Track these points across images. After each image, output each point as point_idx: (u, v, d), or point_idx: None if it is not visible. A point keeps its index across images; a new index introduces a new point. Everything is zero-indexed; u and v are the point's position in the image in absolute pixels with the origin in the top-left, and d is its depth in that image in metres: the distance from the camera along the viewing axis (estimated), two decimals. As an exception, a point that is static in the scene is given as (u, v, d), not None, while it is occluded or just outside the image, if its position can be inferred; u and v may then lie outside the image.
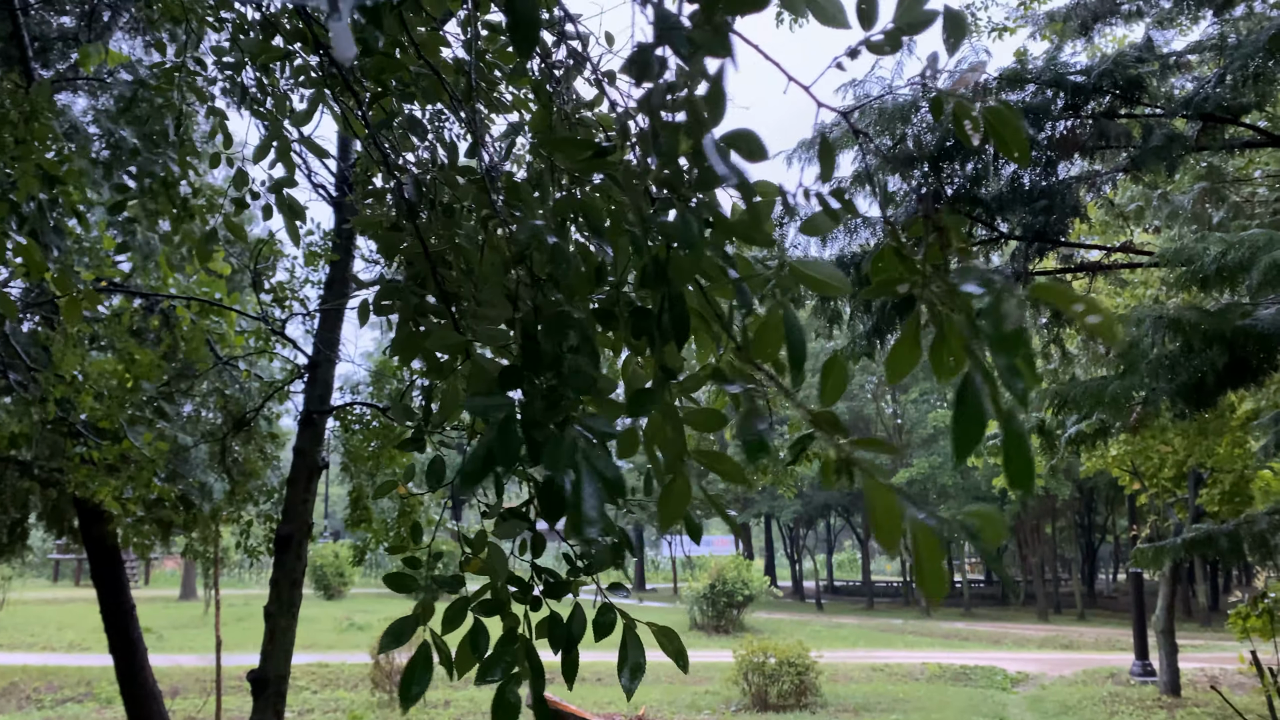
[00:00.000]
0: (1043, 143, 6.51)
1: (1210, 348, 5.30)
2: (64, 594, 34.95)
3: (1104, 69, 6.25)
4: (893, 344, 1.40)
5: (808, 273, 1.35)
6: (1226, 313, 5.38)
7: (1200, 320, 5.26)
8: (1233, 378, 5.55)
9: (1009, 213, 6.84)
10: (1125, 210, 8.75)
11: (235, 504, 8.71)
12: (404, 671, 1.60)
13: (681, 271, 1.37)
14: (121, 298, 6.58)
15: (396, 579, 1.76)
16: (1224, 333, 5.16)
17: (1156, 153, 6.10)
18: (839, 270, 1.41)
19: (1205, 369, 5.40)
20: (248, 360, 7.41)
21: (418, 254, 1.75)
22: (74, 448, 6.92)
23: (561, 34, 2.02)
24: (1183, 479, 16.50)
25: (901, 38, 1.44)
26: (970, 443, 1.10)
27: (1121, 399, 5.79)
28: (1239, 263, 5.04)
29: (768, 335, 1.36)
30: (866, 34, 1.40)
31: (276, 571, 5.38)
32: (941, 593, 1.27)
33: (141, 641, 9.21)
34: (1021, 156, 1.29)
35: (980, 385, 1.06)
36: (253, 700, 5.23)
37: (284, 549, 5.39)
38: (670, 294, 1.37)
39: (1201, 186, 8.15)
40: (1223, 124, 6.51)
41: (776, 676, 15.27)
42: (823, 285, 1.34)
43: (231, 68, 2.49)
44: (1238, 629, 9.57)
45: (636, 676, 1.57)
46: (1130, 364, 5.58)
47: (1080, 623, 34.40)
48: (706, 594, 25.91)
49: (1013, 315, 1.06)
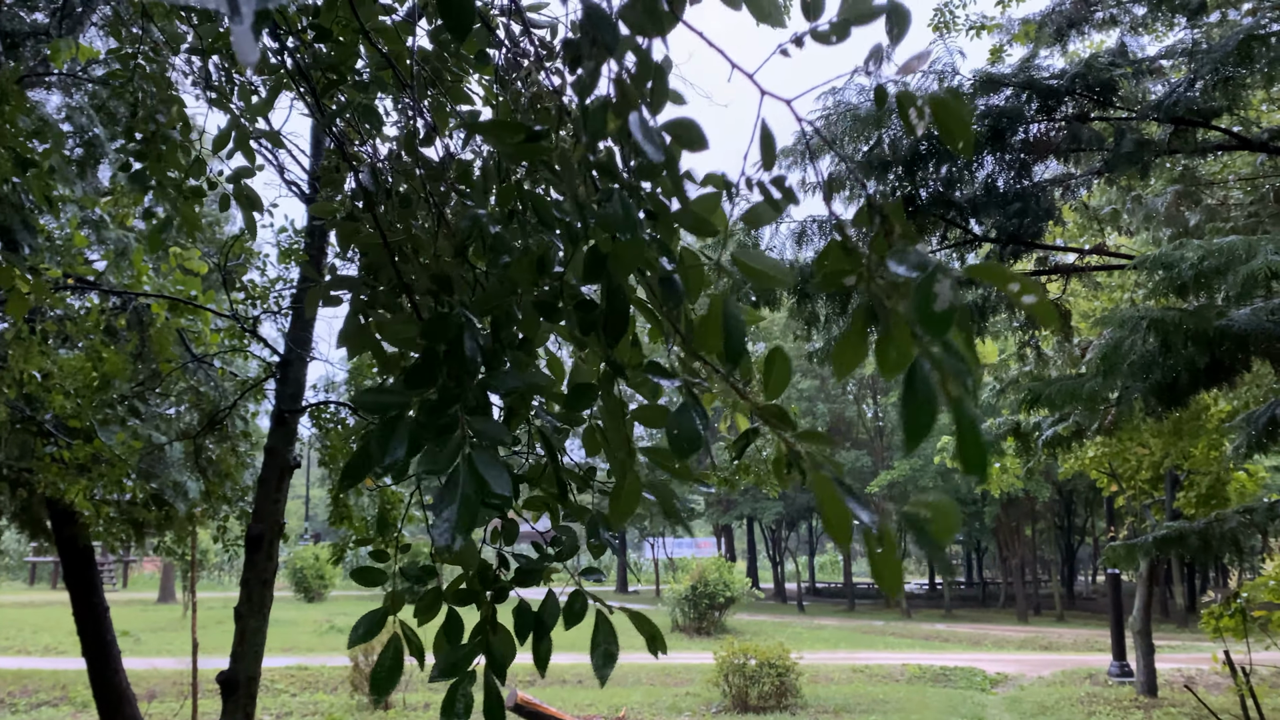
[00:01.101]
0: (1016, 146, 6.54)
1: (1189, 347, 5.34)
2: (40, 597, 34.57)
3: (1076, 72, 6.29)
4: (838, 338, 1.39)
5: (750, 264, 1.34)
6: (1205, 312, 5.41)
7: (1182, 320, 5.30)
8: (1209, 377, 5.59)
9: (983, 215, 6.86)
10: (1100, 214, 8.80)
11: (211, 505, 8.64)
12: (375, 662, 1.58)
13: (621, 262, 1.35)
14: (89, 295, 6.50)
15: (364, 573, 1.74)
16: (1206, 332, 5.19)
17: (1128, 156, 6.14)
18: (780, 261, 1.41)
19: (1180, 368, 5.44)
20: (222, 358, 7.35)
21: (373, 244, 1.73)
22: (44, 447, 6.84)
23: (525, 22, 2.00)
24: (1160, 481, 16.63)
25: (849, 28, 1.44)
26: (921, 430, 1.09)
27: (1096, 397, 5.81)
28: (1216, 270, 5.07)
29: (708, 328, 1.35)
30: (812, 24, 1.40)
31: (247, 572, 5.33)
32: (897, 589, 1.27)
33: (115, 644, 9.12)
34: (965, 146, 1.29)
35: (929, 371, 1.05)
36: (222, 702, 5.18)
37: (255, 549, 5.33)
38: (610, 286, 1.35)
39: (1175, 189, 8.21)
40: (1194, 127, 6.57)
41: (757, 678, 15.27)
42: (764, 277, 1.34)
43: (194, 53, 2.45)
44: (1210, 628, 9.64)
45: (609, 663, 1.56)
46: (1111, 364, 5.61)
47: (1060, 624, 34.60)
48: (688, 596, 25.91)
49: (944, 295, 1.05)
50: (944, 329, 0.97)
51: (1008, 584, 43.16)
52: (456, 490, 1.23)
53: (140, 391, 7.41)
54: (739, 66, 1.35)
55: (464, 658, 1.52)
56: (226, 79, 2.77)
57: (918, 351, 1.08)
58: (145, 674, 16.99)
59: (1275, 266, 4.70)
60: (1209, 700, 14.57)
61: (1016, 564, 38.65)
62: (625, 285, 1.40)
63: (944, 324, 0.96)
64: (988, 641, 27.27)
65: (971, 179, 6.75)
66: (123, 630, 22.59)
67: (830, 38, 1.41)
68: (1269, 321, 5.02)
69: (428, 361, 1.44)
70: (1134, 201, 8.35)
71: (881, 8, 1.39)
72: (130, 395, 7.38)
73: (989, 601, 46.42)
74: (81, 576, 8.94)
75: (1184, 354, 5.30)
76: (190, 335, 7.52)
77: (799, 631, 28.32)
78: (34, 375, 5.34)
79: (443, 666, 1.51)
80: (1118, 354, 5.47)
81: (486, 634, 1.57)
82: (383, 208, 1.82)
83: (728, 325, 1.34)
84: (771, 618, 33.14)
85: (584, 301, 1.45)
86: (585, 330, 1.48)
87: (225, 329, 7.03)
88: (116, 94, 2.88)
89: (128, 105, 2.63)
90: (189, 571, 13.67)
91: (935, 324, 0.96)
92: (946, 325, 0.97)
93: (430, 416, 1.37)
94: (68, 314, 6.97)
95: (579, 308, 1.44)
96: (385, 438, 1.31)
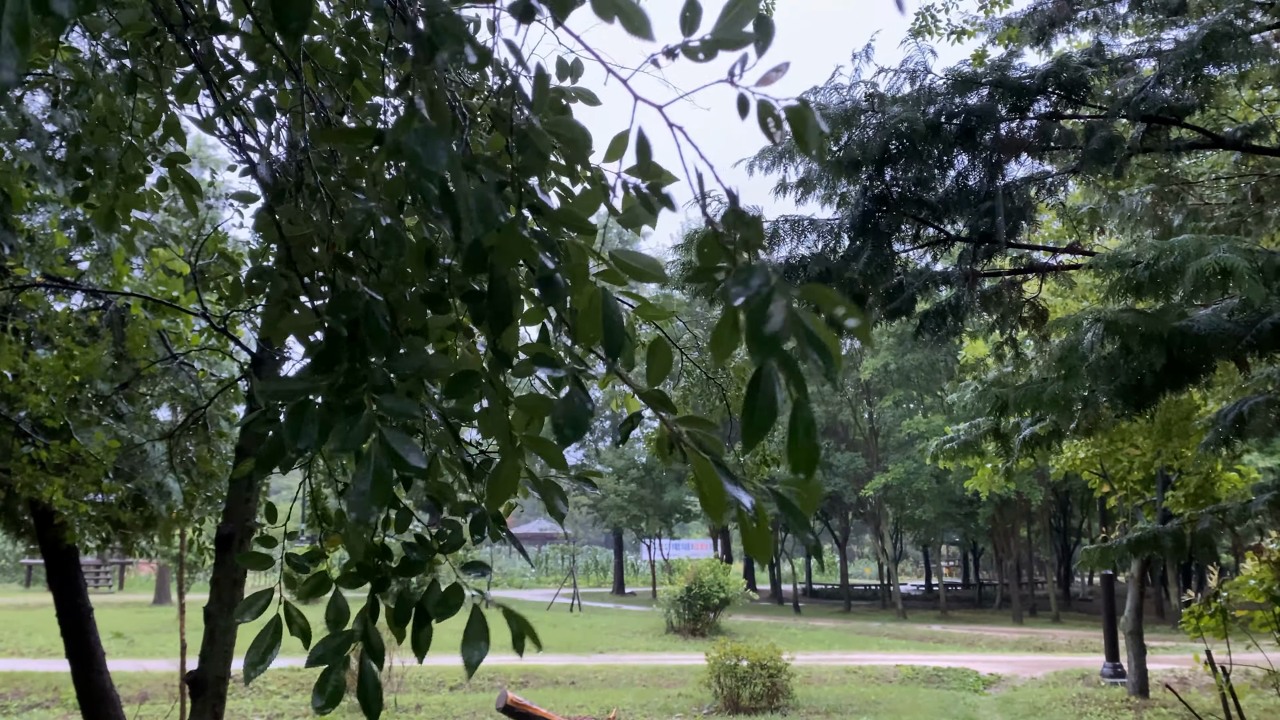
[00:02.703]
0: (987, 144, 6.54)
1: (1148, 349, 5.33)
2: (35, 599, 34.57)
3: (1048, 70, 6.29)
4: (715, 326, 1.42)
5: (628, 263, 1.37)
6: (1163, 315, 5.41)
7: (1138, 322, 5.30)
8: (1171, 379, 5.59)
9: (955, 214, 6.87)
10: (1078, 214, 8.80)
11: (194, 507, 8.63)
12: (253, 640, 1.58)
13: (504, 255, 1.37)
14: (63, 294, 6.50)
15: (250, 558, 1.74)
16: (1161, 334, 5.19)
17: (1097, 154, 6.14)
18: (656, 260, 1.42)
19: (1144, 371, 5.43)
20: (200, 358, 7.36)
21: (276, 236, 1.74)
22: (21, 447, 6.84)
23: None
24: (1152, 481, 16.62)
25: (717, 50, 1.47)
26: (761, 428, 1.11)
27: (1060, 401, 5.81)
28: (1171, 268, 5.07)
29: (588, 320, 1.37)
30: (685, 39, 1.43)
31: (217, 571, 5.32)
32: (766, 556, 1.31)
33: (99, 646, 9.09)
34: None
35: (774, 375, 1.08)
36: (190, 702, 5.18)
37: (225, 548, 5.33)
38: (493, 277, 1.37)
39: (1152, 189, 8.21)
40: (1166, 125, 6.57)
41: (748, 679, 15.27)
42: (641, 274, 1.38)
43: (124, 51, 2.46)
44: (1191, 628, 9.64)
45: (478, 656, 1.57)
46: (1070, 367, 5.61)
47: (1055, 625, 34.58)
48: (683, 597, 25.90)
49: (776, 318, 1.08)
50: (773, 350, 1.00)
51: (1003, 585, 43.13)
52: (369, 464, 1.24)
53: (119, 391, 7.42)
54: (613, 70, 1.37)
55: (341, 643, 1.53)
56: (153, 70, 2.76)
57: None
58: (137, 676, 17.00)
59: (1225, 264, 4.68)
60: (1200, 702, 14.57)
61: (1012, 565, 38.64)
62: (509, 276, 1.42)
63: (773, 345, 1.00)
64: (982, 643, 27.26)
65: (943, 178, 6.76)
66: (116, 632, 22.60)
67: (698, 54, 1.45)
68: (1229, 323, 5.02)
69: (332, 342, 1.45)
70: (1112, 201, 8.36)
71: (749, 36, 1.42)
72: (110, 395, 7.39)
73: (985, 603, 46.39)
74: (64, 578, 8.93)
75: (1144, 356, 5.31)
76: (171, 336, 7.53)
77: (793, 633, 28.31)
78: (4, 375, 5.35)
79: (320, 652, 1.52)
80: (1075, 356, 5.47)
81: (366, 621, 1.57)
82: (296, 201, 1.83)
83: (607, 319, 1.36)
84: (767, 619, 33.13)
85: (471, 292, 1.46)
86: (476, 321, 1.49)
87: (205, 328, 7.03)
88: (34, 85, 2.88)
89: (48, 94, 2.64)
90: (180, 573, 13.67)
91: (765, 345, 1.00)
92: (775, 347, 1.00)
93: (338, 396, 1.38)
94: (46, 313, 6.98)
95: (465, 298, 1.45)
96: (295, 424, 1.32)
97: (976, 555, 52.73)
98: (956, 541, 49.25)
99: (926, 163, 6.50)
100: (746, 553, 1.14)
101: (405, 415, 1.37)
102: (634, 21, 1.34)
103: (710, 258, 1.39)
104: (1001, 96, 6.36)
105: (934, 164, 6.53)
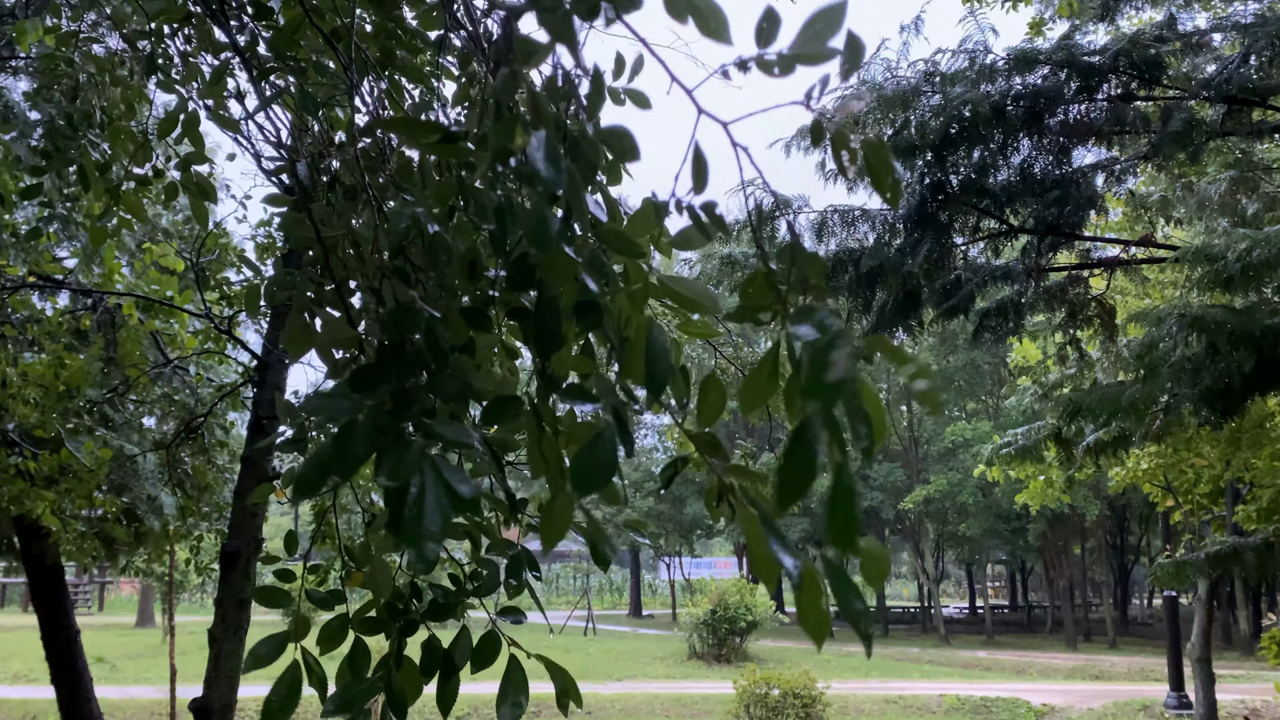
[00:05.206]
0: (1054, 128, 6.49)
1: (1236, 349, 5.27)
2: (10, 621, 34.84)
3: (1119, 48, 6.24)
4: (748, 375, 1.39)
5: (677, 290, 1.35)
6: (1253, 312, 5.34)
7: (1226, 320, 5.24)
8: (1261, 381, 5.51)
9: (1019, 204, 6.82)
10: (1148, 201, 8.73)
11: (188, 521, 8.66)
12: (269, 692, 1.56)
13: (554, 273, 1.34)
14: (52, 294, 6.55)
15: (266, 593, 1.72)
16: (1252, 333, 5.12)
17: (1176, 139, 6.09)
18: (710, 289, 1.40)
19: (1232, 373, 5.36)
20: (196, 362, 7.38)
21: (312, 240, 1.72)
22: (8, 458, 6.89)
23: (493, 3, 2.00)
24: (1220, 495, 16.45)
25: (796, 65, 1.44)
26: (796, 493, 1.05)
27: (1141, 406, 5.74)
28: (1266, 261, 5.00)
29: (633, 355, 1.34)
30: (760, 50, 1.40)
31: (222, 591, 5.32)
32: (823, 635, 1.25)
33: (86, 670, 9.15)
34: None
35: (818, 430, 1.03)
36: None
37: (230, 566, 5.33)
38: (541, 296, 1.35)
39: (1231, 175, 8.13)
40: (1249, 107, 6.50)
41: (780, 709, 15.22)
42: (691, 303, 1.36)
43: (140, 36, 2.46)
44: (1272, 654, 9.53)
45: (516, 715, 1.54)
46: (1150, 367, 5.54)
47: (1112, 651, 34.31)
48: (707, 620, 25.83)
49: (840, 365, 1.04)
50: (833, 400, 0.97)
51: (1055, 608, 42.81)
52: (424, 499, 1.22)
53: (110, 398, 7.45)
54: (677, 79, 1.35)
55: (362, 692, 1.51)
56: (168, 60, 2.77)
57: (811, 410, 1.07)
58: (121, 703, 17.09)
59: (1330, 257, 4.63)
60: (1275, 734, 14.42)
61: (1064, 586, 38.34)
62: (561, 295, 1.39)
63: (834, 395, 0.97)
64: (1033, 670, 27.06)
65: (1007, 164, 6.71)
66: (98, 656, 22.73)
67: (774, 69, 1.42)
68: (1330, 319, 4.95)
69: (385, 359, 1.43)
70: (1185, 189, 8.28)
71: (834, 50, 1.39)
72: (100, 401, 7.42)
73: (1034, 627, 46.06)
74: (50, 597, 8.99)
75: (1233, 357, 5.23)
76: (166, 338, 7.55)
77: (827, 658, 28.17)
78: (-3, 381, 5.38)
79: (339, 701, 1.50)
80: (1155, 355, 5.40)
81: (390, 668, 1.56)
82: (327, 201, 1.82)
83: (651, 354, 1.32)
84: (797, 644, 32.98)
85: (517, 309, 1.44)
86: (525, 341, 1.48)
87: (202, 331, 7.05)
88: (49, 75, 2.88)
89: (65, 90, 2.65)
90: (168, 593, 13.73)
91: (824, 394, 0.96)
92: (836, 396, 0.97)
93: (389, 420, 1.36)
94: (34, 315, 7.02)
95: (512, 315, 1.43)
96: (343, 446, 1.30)
97: (1025, 575, 52.36)
98: (1003, 560, 48.90)
99: (990, 148, 6.46)
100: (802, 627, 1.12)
101: (460, 444, 1.35)
102: (711, 23, 1.31)
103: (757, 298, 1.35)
104: (1069, 76, 6.32)
105: (998, 149, 6.48)
